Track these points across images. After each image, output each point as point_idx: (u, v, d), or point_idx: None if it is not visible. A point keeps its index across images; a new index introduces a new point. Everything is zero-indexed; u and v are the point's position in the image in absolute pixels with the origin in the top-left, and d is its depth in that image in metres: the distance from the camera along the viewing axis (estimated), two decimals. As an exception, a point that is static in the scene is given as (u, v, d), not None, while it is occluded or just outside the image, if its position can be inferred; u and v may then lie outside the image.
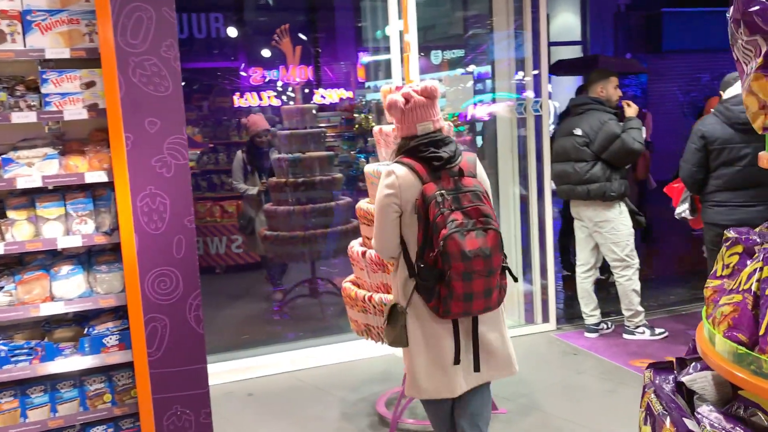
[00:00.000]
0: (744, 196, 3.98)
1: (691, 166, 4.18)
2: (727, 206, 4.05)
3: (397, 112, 2.65)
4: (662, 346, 4.87)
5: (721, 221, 4.06)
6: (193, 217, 2.67)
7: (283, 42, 6.22)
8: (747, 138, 3.94)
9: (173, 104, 2.60)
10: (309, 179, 6.03)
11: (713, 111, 4.17)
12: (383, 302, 3.54)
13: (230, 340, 5.71)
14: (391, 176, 2.62)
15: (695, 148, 4.15)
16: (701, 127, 4.15)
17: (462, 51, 11.36)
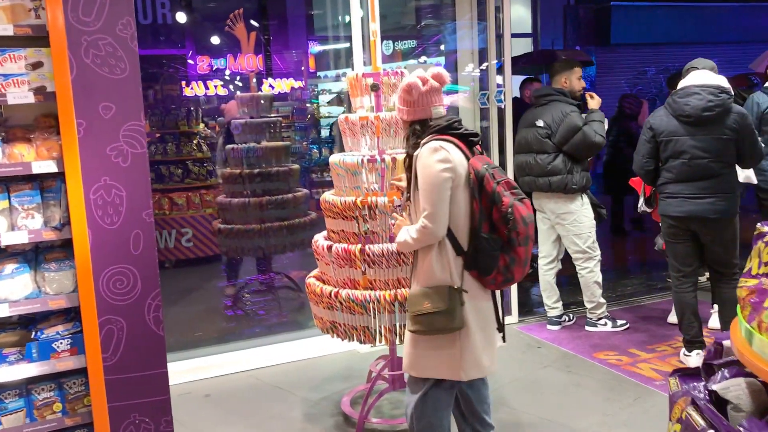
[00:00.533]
0: (693, 188, 4.00)
1: (641, 157, 4.21)
2: (677, 198, 4.07)
3: (413, 96, 2.71)
4: (624, 338, 4.86)
5: (672, 212, 4.10)
6: (152, 211, 2.47)
7: (237, 28, 5.98)
8: (691, 131, 3.97)
9: (130, 88, 2.40)
10: (265, 170, 5.82)
11: (664, 104, 4.19)
12: (350, 298, 3.41)
13: (183, 339, 5.48)
14: (441, 152, 2.62)
15: (644, 140, 4.18)
16: (650, 119, 4.18)
17: (414, 41, 11.27)
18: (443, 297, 2.63)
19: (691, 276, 4.21)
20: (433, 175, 2.61)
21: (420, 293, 2.70)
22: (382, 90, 3.58)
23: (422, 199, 2.64)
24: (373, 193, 3.52)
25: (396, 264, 3.41)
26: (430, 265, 2.70)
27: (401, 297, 3.38)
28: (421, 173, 2.65)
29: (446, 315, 2.62)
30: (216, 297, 6.70)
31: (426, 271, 2.72)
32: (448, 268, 2.68)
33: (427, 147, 2.66)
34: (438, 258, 2.69)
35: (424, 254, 2.73)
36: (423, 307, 2.66)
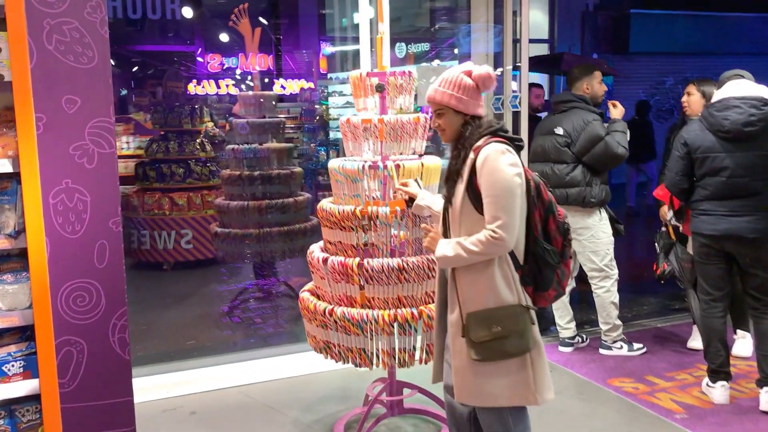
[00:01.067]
0: (729, 206, 3.67)
1: (674, 175, 3.86)
2: (712, 215, 3.73)
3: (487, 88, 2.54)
4: (641, 363, 4.54)
5: (705, 231, 3.76)
6: (120, 219, 2.19)
7: (241, 23, 5.72)
8: (730, 147, 3.63)
9: (98, 79, 2.12)
10: (266, 173, 5.55)
11: (699, 117, 3.85)
12: (346, 317, 3.12)
13: (174, 346, 5.23)
14: (509, 155, 2.44)
15: (678, 156, 3.83)
16: (684, 133, 3.83)
17: (427, 44, 11.00)
18: (515, 318, 2.44)
19: (722, 300, 3.87)
20: (506, 180, 2.40)
21: (484, 316, 2.44)
22: (388, 91, 3.30)
23: (492, 207, 2.39)
24: (374, 202, 3.23)
25: (397, 281, 3.12)
26: (493, 282, 2.44)
27: (401, 318, 3.09)
28: (489, 178, 2.40)
29: (519, 338, 2.44)
30: (212, 302, 6.44)
31: (486, 290, 2.46)
32: (513, 284, 2.47)
33: (492, 149, 2.43)
34: (502, 274, 2.46)
35: (478, 271, 2.46)
36: (491, 332, 2.42)
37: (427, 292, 3.21)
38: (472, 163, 2.47)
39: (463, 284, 2.51)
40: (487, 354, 2.45)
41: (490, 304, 2.46)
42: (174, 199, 7.65)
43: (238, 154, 5.60)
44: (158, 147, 7.83)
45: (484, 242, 2.39)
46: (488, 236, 2.39)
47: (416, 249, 3.23)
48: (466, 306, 2.50)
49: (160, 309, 6.20)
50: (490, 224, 2.39)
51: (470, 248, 2.42)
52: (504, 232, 2.38)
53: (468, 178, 2.47)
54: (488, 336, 2.43)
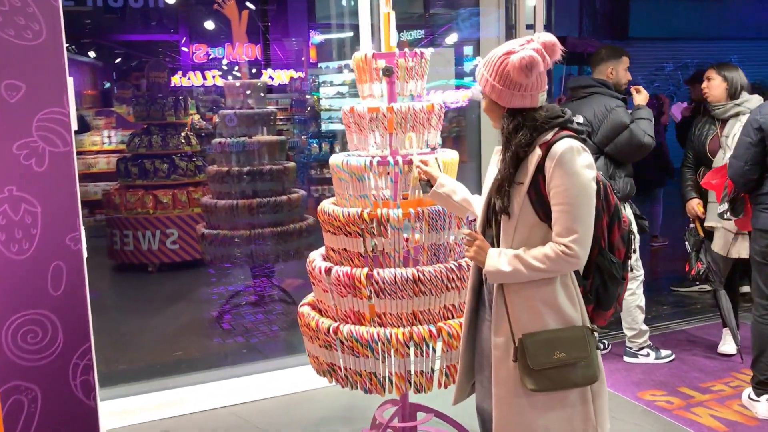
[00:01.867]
0: None
1: (744, 164, 3.39)
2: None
3: (530, 77, 2.05)
4: (671, 373, 4.16)
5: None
6: (81, 234, 1.76)
7: (227, 6, 5.27)
8: None
9: (48, 60, 1.69)
10: (256, 168, 5.11)
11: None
12: (353, 337, 2.70)
13: (160, 359, 4.81)
14: (584, 154, 2.07)
15: (749, 143, 3.37)
16: (758, 117, 3.37)
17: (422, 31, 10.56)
18: (582, 343, 2.09)
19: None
20: (583, 185, 2.04)
21: (546, 339, 2.06)
22: (397, 75, 2.87)
23: (566, 217, 2.03)
24: (384, 203, 2.82)
25: (412, 294, 2.70)
26: (555, 299, 2.08)
27: (418, 337, 2.68)
28: (565, 182, 2.03)
29: (586, 366, 2.09)
30: (201, 307, 6.01)
31: (546, 308, 2.09)
32: (578, 303, 2.13)
33: (567, 146, 2.04)
34: (565, 290, 2.11)
35: (537, 285, 2.09)
36: (554, 358, 2.04)
37: (446, 306, 2.80)
38: (539, 161, 2.06)
39: (516, 300, 2.12)
40: (547, 384, 2.08)
41: (551, 324, 2.09)
42: (158, 197, 7.20)
43: (225, 148, 5.16)
44: (140, 141, 7.36)
45: (553, 258, 2.02)
46: (559, 252, 2.01)
47: (432, 256, 2.82)
48: (520, 325, 2.11)
49: (145, 315, 5.77)
50: (563, 237, 2.02)
51: (534, 264, 2.04)
52: (579, 248, 2.02)
53: (532, 178, 2.06)
54: (550, 363, 2.05)
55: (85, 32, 11.40)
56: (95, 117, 9.73)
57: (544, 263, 2.03)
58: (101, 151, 9.15)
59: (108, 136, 9.40)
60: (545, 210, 2.09)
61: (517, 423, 2.14)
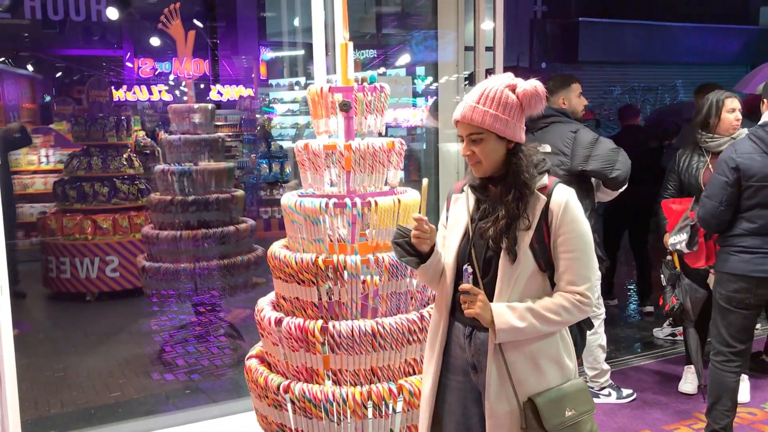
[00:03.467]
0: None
1: (718, 204, 3.24)
2: (757, 254, 3.16)
3: (537, 107, 2.00)
4: (633, 414, 4.03)
5: (747, 272, 3.18)
6: None
7: (172, 25, 5.00)
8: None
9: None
10: (202, 197, 4.83)
11: (749, 136, 3.27)
12: (306, 397, 2.47)
13: (95, 400, 4.49)
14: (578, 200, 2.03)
15: (725, 182, 3.21)
16: (734, 156, 3.22)
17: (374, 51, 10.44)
18: (586, 395, 2.03)
19: (743, 355, 3.32)
20: (589, 233, 2.00)
21: (554, 397, 1.93)
22: (356, 110, 2.67)
23: (578, 265, 1.96)
24: (341, 246, 2.60)
25: (370, 349, 2.49)
26: (558, 353, 1.98)
27: (376, 396, 2.46)
28: (575, 228, 1.97)
29: (590, 418, 2.03)
30: (142, 342, 5.67)
31: (553, 362, 1.99)
32: (572, 354, 2.06)
33: (572, 193, 2.00)
34: (563, 341, 2.04)
35: (540, 342, 1.97)
36: (567, 416, 1.93)
37: (407, 360, 2.59)
38: (544, 208, 1.95)
39: (519, 359, 1.97)
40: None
41: (554, 381, 1.97)
42: (97, 222, 6.82)
43: (169, 175, 4.86)
44: (79, 163, 6.97)
45: (569, 309, 1.92)
46: (575, 301, 1.92)
47: (392, 305, 2.61)
48: (526, 386, 1.96)
49: (81, 350, 5.41)
50: (577, 286, 1.93)
51: (548, 316, 1.93)
52: (592, 296, 1.94)
53: (537, 225, 1.95)
54: (563, 422, 1.94)
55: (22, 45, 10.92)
56: (33, 134, 9.27)
57: (559, 315, 1.93)
58: (38, 171, 8.70)
59: (46, 155, 8.94)
60: (545, 259, 1.98)
61: None
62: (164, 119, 10.68)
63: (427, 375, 2.19)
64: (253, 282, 5.16)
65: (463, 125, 2.02)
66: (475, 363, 2.06)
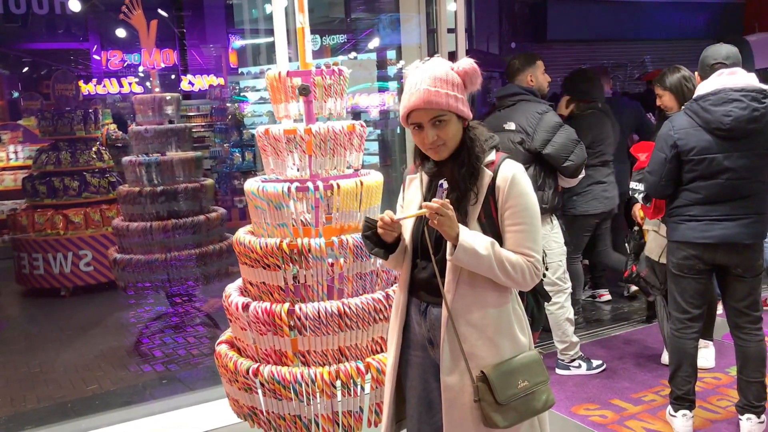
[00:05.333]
0: (722, 210, 3.19)
1: (659, 179, 3.30)
2: (702, 221, 3.23)
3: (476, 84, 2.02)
4: (603, 384, 4.12)
5: (694, 239, 3.24)
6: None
7: (134, 16, 4.96)
8: (726, 146, 3.13)
9: None
10: (170, 187, 4.83)
11: (685, 110, 3.30)
12: (275, 378, 2.51)
13: (72, 394, 4.50)
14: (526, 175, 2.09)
15: (664, 158, 3.26)
16: (672, 132, 3.26)
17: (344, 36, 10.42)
18: (539, 366, 2.05)
19: (699, 320, 3.40)
20: (536, 206, 2.03)
21: (508, 369, 1.97)
22: (315, 94, 2.70)
23: (526, 237, 1.99)
24: (305, 230, 2.64)
25: (337, 329, 2.53)
26: (511, 326, 2.02)
27: (344, 375, 2.51)
28: (521, 202, 2.01)
29: (545, 389, 2.05)
30: (118, 334, 5.67)
31: (505, 335, 2.02)
32: (525, 327, 2.09)
33: (517, 168, 2.03)
34: (515, 315, 2.07)
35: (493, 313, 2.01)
36: (519, 388, 1.96)
37: (374, 339, 2.64)
38: (491, 183, 2.00)
39: (471, 333, 2.00)
40: (516, 417, 1.99)
41: (506, 353, 2.00)
42: (69, 217, 6.78)
43: (137, 166, 4.85)
44: (48, 158, 6.92)
45: (523, 269, 1.97)
46: (531, 265, 1.97)
47: (358, 286, 2.66)
48: (478, 359, 1.99)
49: (57, 345, 5.41)
50: (531, 258, 1.98)
51: (506, 264, 1.96)
52: (542, 268, 2.01)
53: (483, 200, 2.00)
54: (516, 394, 1.97)
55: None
56: (0, 131, 9.16)
57: (514, 269, 1.96)
58: (7, 168, 8.61)
59: (14, 151, 8.85)
60: (494, 233, 2.01)
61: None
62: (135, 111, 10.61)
63: (389, 351, 2.24)
64: (228, 270, 5.18)
65: (423, 111, 1.99)
66: (431, 337, 2.11)
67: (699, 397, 3.70)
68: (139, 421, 3.84)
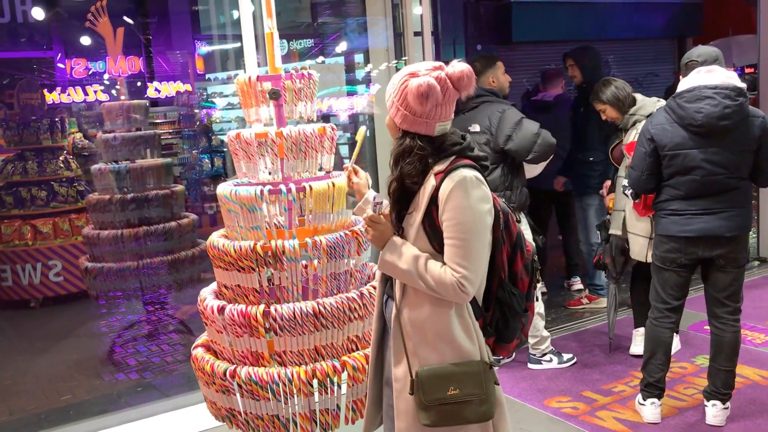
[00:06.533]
0: (703, 205, 3.30)
1: (640, 174, 3.43)
2: (684, 215, 3.34)
3: (426, 103, 1.96)
4: (574, 377, 4.22)
5: (676, 233, 3.36)
6: None
7: (100, 23, 4.94)
8: (701, 143, 3.24)
9: None
10: (141, 194, 4.82)
11: (664, 107, 3.43)
12: (252, 379, 2.54)
13: (45, 405, 4.46)
14: (481, 187, 2.00)
15: (644, 153, 3.39)
16: (650, 127, 3.40)
17: (311, 40, 10.43)
18: (476, 379, 2.00)
19: (677, 311, 3.51)
20: (477, 221, 1.96)
21: (439, 373, 1.98)
22: (285, 98, 2.74)
23: (457, 252, 1.96)
24: (279, 232, 2.67)
25: (313, 329, 2.57)
26: (450, 332, 2.00)
27: (321, 373, 2.55)
28: (456, 216, 1.96)
29: (481, 403, 2.01)
30: (91, 344, 5.63)
31: (442, 341, 2.01)
32: (475, 336, 2.05)
33: (462, 179, 1.96)
34: (461, 322, 2.03)
35: (432, 317, 2.02)
36: (448, 394, 1.96)
37: (349, 338, 2.69)
38: (433, 192, 1.98)
39: (412, 332, 2.04)
40: (440, 419, 2.00)
41: (447, 358, 2.01)
42: (37, 227, 6.69)
43: (105, 174, 4.83)
44: (14, 168, 6.83)
45: (446, 286, 1.95)
46: (455, 282, 1.94)
47: (332, 286, 2.70)
48: (416, 359, 2.03)
49: (28, 356, 5.35)
50: (456, 271, 1.95)
51: (427, 278, 1.97)
52: (469, 286, 1.95)
53: (426, 208, 1.99)
54: (444, 399, 1.98)
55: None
56: None
57: (437, 285, 1.96)
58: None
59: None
60: (440, 241, 2.02)
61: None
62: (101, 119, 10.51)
63: (372, 337, 2.31)
64: (200, 277, 5.18)
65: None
66: (389, 328, 2.18)
67: (666, 386, 3.81)
68: (115, 429, 3.84)
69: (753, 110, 3.26)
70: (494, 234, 2.05)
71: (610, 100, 4.12)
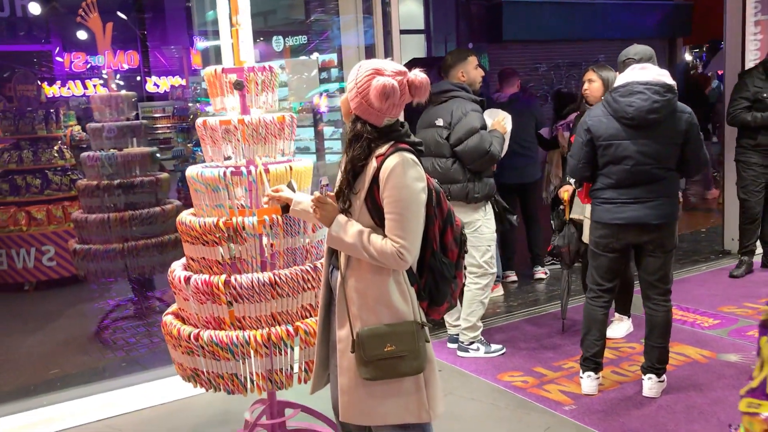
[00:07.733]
0: (633, 194, 3.57)
1: (577, 162, 3.71)
2: (615, 203, 3.61)
3: (384, 102, 2.24)
4: (529, 355, 4.48)
5: (608, 220, 3.64)
6: None
7: (90, 19, 5.22)
8: (632, 134, 3.52)
9: None
10: (127, 181, 5.10)
11: (602, 101, 3.71)
12: (213, 341, 2.83)
13: (35, 378, 4.72)
14: (417, 168, 2.28)
15: (581, 142, 3.67)
16: (587, 119, 3.68)
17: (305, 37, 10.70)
18: (410, 337, 2.29)
19: (610, 292, 3.80)
20: (413, 198, 2.24)
21: (377, 333, 2.27)
22: (248, 89, 3.01)
23: (396, 226, 2.24)
24: (240, 211, 2.95)
25: (269, 297, 2.85)
26: (388, 296, 2.28)
27: (276, 337, 2.84)
28: (395, 193, 2.24)
29: (414, 358, 2.30)
30: (80, 324, 5.90)
31: (380, 305, 2.29)
32: (409, 299, 2.33)
33: (400, 161, 2.24)
34: (398, 288, 2.31)
35: (372, 284, 2.30)
36: (384, 351, 2.25)
37: (303, 306, 2.97)
38: (375, 173, 2.27)
39: (355, 297, 2.32)
40: (378, 373, 2.29)
41: (385, 320, 2.30)
42: (31, 213, 6.98)
43: (94, 161, 5.11)
44: (10, 157, 7.10)
45: (387, 255, 2.23)
46: (396, 250, 2.23)
47: (289, 260, 2.98)
48: (358, 321, 2.31)
49: (21, 336, 5.62)
50: (395, 244, 2.24)
51: (371, 250, 2.25)
52: (408, 254, 2.24)
53: (368, 188, 2.27)
54: (381, 355, 2.27)
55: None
56: None
57: (379, 254, 2.24)
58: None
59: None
60: (380, 216, 2.29)
61: (357, 408, 2.34)
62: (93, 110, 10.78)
63: (320, 304, 2.58)
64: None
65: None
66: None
67: (613, 364, 4.12)
68: (96, 396, 4.12)
69: (681, 106, 3.54)
70: (427, 210, 2.33)
71: (609, 79, 4.33)
